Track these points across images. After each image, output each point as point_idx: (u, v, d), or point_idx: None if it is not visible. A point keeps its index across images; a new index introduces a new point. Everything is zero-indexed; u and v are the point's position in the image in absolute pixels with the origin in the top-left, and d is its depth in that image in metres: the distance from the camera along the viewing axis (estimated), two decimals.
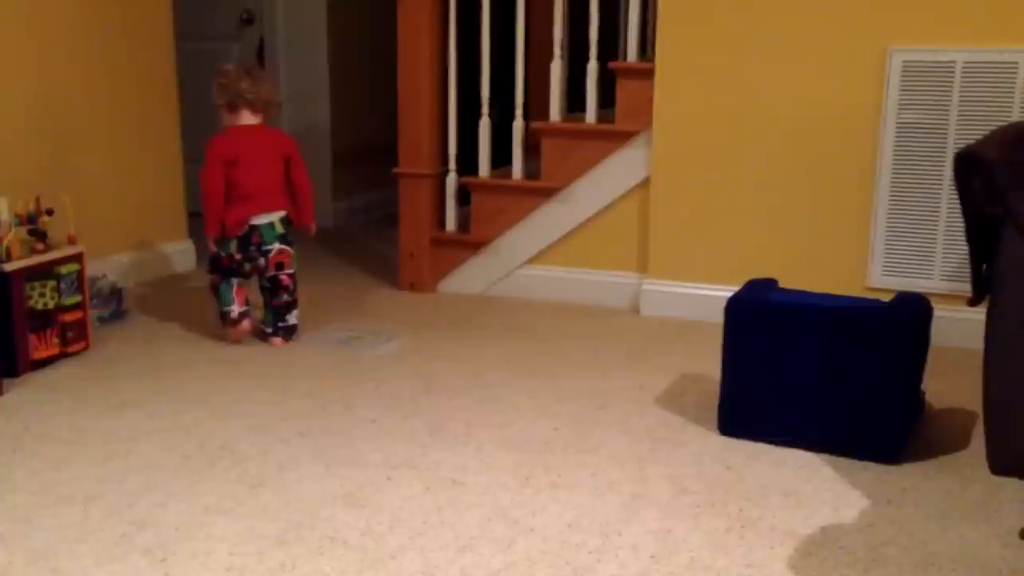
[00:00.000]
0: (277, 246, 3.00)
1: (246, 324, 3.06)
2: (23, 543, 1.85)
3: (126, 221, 3.74)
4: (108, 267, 3.46)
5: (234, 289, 3.02)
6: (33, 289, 2.76)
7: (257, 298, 3.12)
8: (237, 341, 3.05)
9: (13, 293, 2.70)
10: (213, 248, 3.00)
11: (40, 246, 2.82)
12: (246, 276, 3.04)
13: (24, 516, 1.95)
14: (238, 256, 2.98)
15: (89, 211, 3.44)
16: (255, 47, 4.92)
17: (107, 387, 2.68)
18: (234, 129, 2.99)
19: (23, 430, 2.38)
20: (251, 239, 2.97)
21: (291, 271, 3.05)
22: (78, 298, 2.90)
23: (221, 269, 3.02)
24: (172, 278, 3.90)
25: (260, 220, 2.97)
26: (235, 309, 3.02)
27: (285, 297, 3.05)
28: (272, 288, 3.04)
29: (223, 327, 3.06)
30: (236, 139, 2.96)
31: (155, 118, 3.83)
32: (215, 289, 3.05)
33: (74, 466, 2.18)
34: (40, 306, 2.78)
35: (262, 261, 3.00)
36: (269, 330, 3.06)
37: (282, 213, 3.01)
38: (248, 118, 2.99)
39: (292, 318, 3.07)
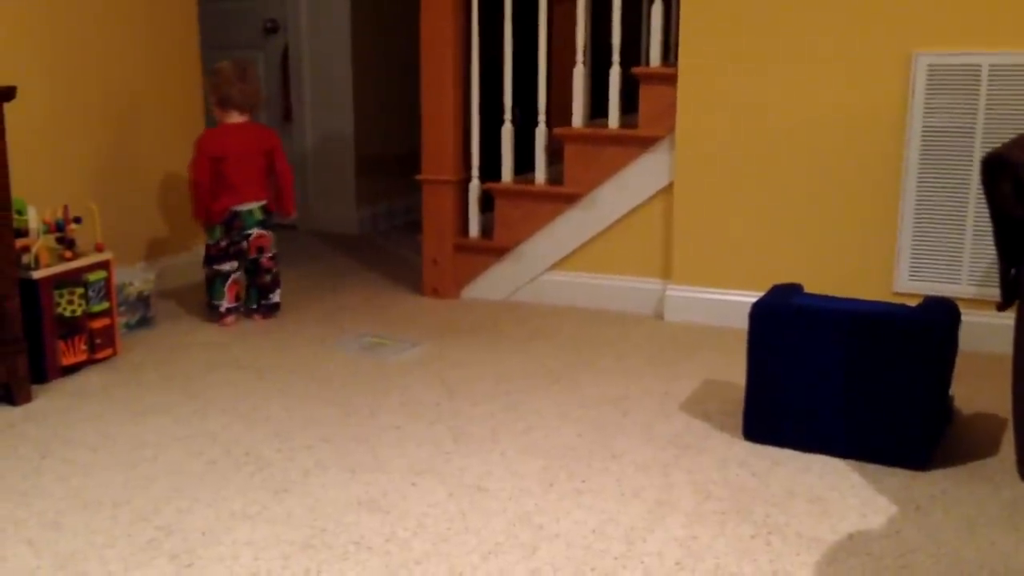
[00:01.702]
0: (256, 231, 3.31)
1: (231, 319, 3.33)
2: (52, 548, 1.86)
3: (153, 228, 3.78)
4: (135, 274, 3.49)
5: (227, 285, 3.31)
6: (61, 296, 2.79)
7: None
8: (224, 327, 3.33)
9: (42, 300, 2.72)
10: (205, 234, 3.34)
11: (68, 254, 2.85)
12: (235, 259, 3.32)
13: (52, 521, 1.97)
14: (223, 243, 3.29)
15: (116, 219, 3.47)
16: (279, 56, 4.96)
17: (134, 393, 2.70)
18: (222, 127, 3.28)
19: (51, 436, 2.41)
20: (233, 224, 3.28)
21: (271, 254, 3.36)
22: (106, 305, 2.93)
23: (213, 258, 3.31)
24: (198, 285, 3.91)
25: (241, 208, 3.28)
26: (224, 304, 3.32)
27: (267, 278, 3.36)
28: (254, 270, 3.35)
29: (209, 316, 3.36)
30: (223, 136, 3.25)
31: (181, 126, 3.86)
32: (210, 283, 3.34)
33: (101, 472, 2.20)
34: (68, 313, 2.81)
35: (245, 244, 3.30)
36: (254, 306, 3.38)
37: (263, 202, 3.32)
38: (236, 117, 3.27)
39: (275, 296, 3.40)
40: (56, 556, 1.83)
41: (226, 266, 3.31)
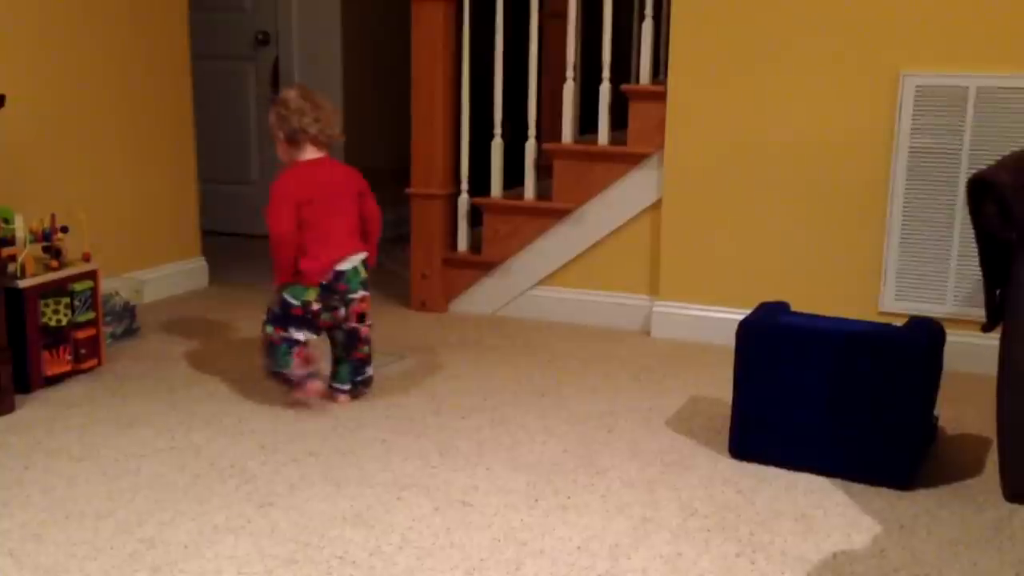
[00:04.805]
0: (361, 293, 2.65)
1: (316, 385, 2.64)
2: (33, 559, 1.85)
3: (140, 239, 3.76)
4: (121, 284, 3.48)
5: (294, 351, 2.59)
6: (47, 306, 2.77)
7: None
8: (303, 403, 2.66)
9: (27, 310, 2.71)
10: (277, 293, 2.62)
11: (54, 263, 2.84)
12: (319, 330, 2.65)
13: (34, 532, 1.95)
14: (316, 307, 2.59)
15: (104, 228, 3.46)
16: (270, 68, 4.97)
17: (119, 404, 2.69)
18: (304, 166, 2.62)
19: (35, 446, 2.39)
20: (336, 287, 2.60)
21: (371, 322, 2.72)
22: (91, 315, 2.91)
23: (290, 321, 2.59)
24: (185, 296, 3.91)
25: (345, 266, 2.61)
26: (295, 373, 2.61)
27: (365, 350, 2.70)
28: (350, 342, 2.68)
29: (273, 380, 2.67)
30: (308, 177, 2.61)
31: (171, 137, 3.86)
32: (270, 347, 2.61)
33: (85, 483, 2.18)
34: (53, 323, 2.79)
35: (343, 312, 2.63)
36: (346, 387, 2.70)
37: (364, 255, 2.66)
38: (312, 152, 2.63)
39: (369, 370, 2.74)
40: (37, 568, 1.82)
41: (301, 335, 2.60)
